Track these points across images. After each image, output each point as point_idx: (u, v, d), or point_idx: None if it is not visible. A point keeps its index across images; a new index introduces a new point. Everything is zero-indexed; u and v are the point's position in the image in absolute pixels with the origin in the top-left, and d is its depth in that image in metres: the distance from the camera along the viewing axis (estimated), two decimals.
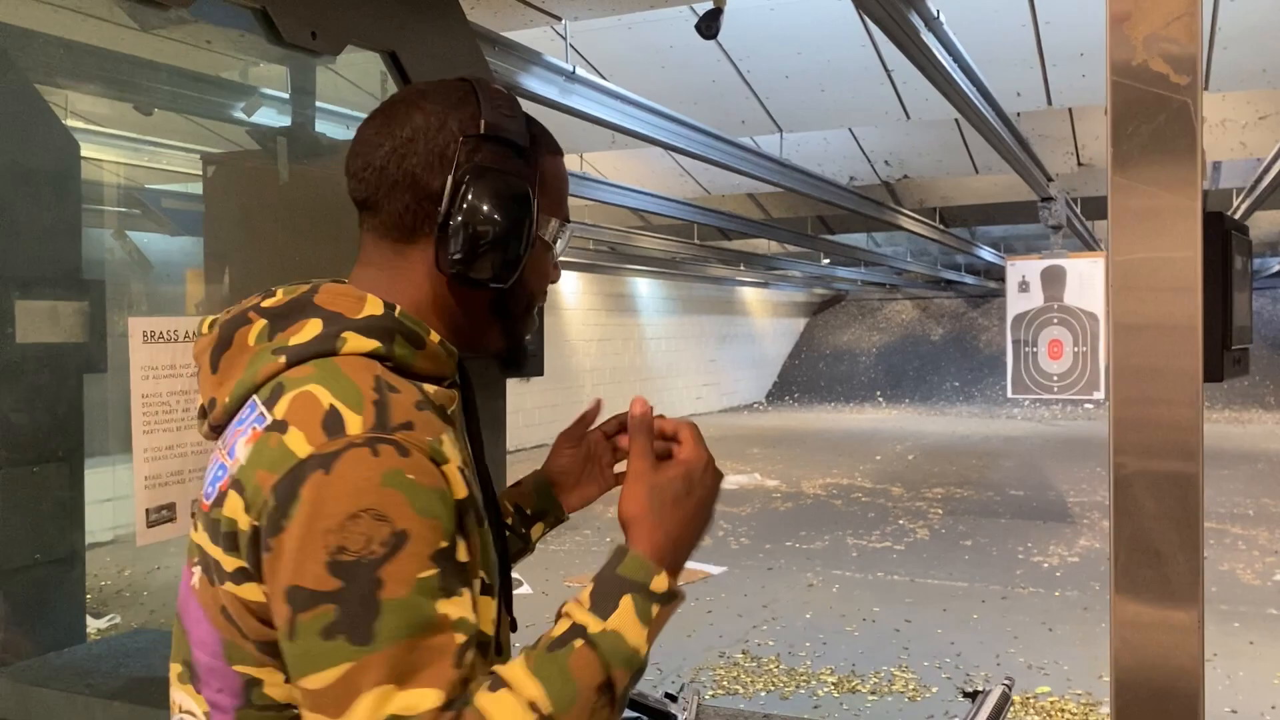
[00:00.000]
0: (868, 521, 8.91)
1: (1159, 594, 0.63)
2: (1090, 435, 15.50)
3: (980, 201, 9.87)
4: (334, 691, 0.78)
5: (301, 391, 0.86)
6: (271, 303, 0.95)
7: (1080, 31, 4.53)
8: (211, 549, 0.87)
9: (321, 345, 0.90)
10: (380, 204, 0.96)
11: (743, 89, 5.44)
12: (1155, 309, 0.60)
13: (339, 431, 0.83)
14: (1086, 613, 6.09)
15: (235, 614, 0.87)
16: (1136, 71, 0.60)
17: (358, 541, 0.79)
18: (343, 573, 0.78)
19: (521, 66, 3.36)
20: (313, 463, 0.81)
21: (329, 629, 0.78)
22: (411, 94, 1.00)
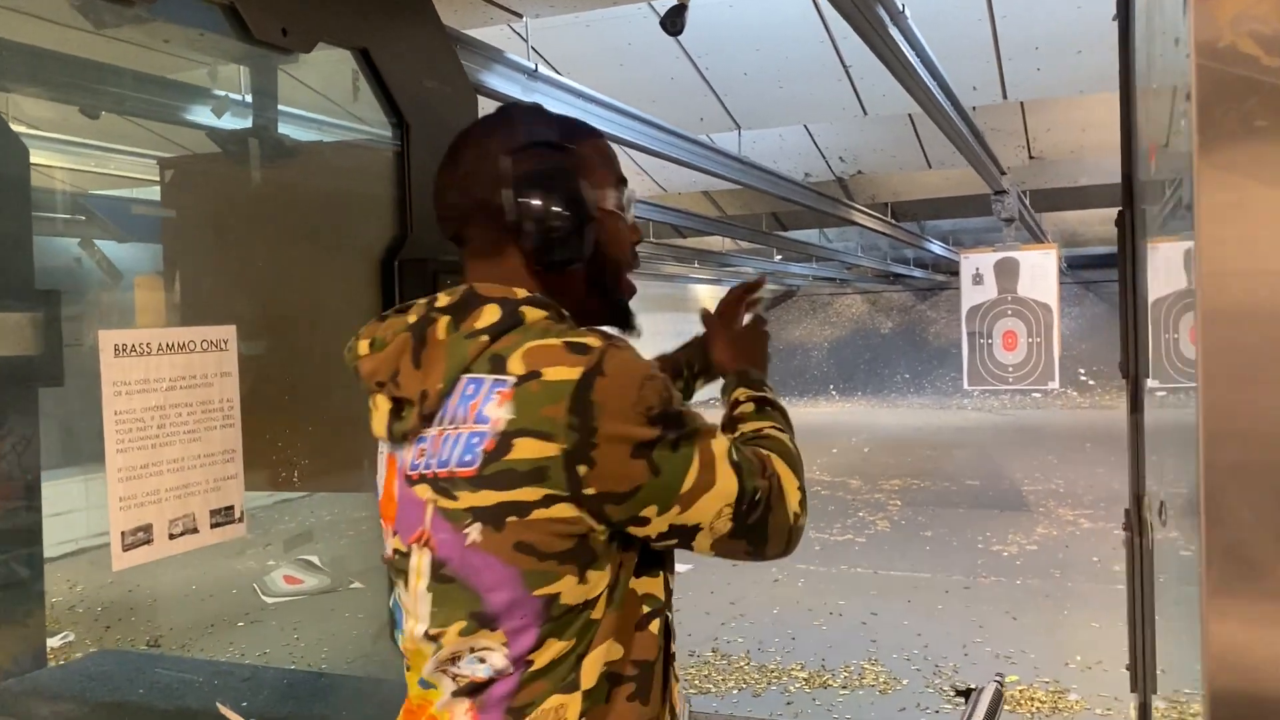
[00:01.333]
0: (828, 515, 8.95)
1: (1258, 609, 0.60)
2: (1041, 424, 15.75)
3: (931, 196, 9.96)
4: (703, 468, 1.07)
5: (528, 348, 1.06)
6: (445, 302, 1.13)
7: (1036, 25, 4.57)
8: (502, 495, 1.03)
9: (511, 320, 1.09)
10: (465, 233, 1.18)
11: (701, 86, 5.42)
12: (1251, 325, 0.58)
13: (586, 350, 1.05)
14: (1048, 600, 6.17)
15: (537, 540, 1.04)
16: (1223, 54, 0.58)
17: (655, 397, 1.05)
18: (659, 420, 1.05)
19: (484, 65, 3.29)
20: (588, 377, 1.03)
21: (675, 444, 1.06)
22: (461, 135, 1.21)
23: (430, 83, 1.86)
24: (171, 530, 1.44)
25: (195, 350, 1.49)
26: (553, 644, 1.08)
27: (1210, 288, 0.58)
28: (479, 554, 1.06)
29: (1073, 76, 5.06)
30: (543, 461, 1.03)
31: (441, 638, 1.10)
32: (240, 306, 1.66)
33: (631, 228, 1.25)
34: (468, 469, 1.05)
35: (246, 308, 1.68)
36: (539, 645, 1.07)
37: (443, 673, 1.12)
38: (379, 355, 1.14)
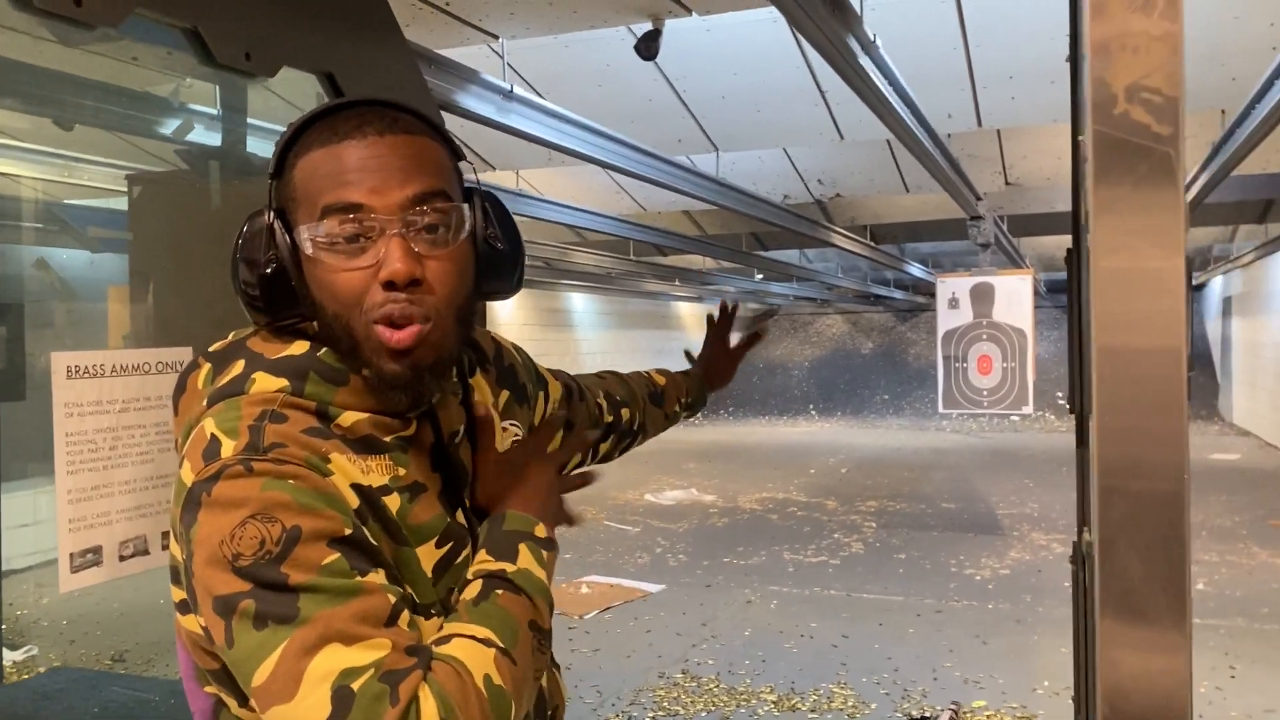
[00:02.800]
0: (803, 536, 8.96)
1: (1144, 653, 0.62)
2: (1017, 447, 15.82)
3: (910, 219, 10.04)
4: (281, 672, 0.79)
5: (198, 429, 0.91)
6: (218, 346, 1.00)
7: (1010, 54, 4.63)
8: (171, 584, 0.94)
9: (234, 386, 0.94)
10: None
11: (679, 108, 5.45)
12: (1140, 371, 0.60)
13: (215, 457, 0.87)
14: (1019, 625, 6.19)
15: (191, 645, 0.94)
16: (1117, 120, 0.60)
17: (251, 545, 0.82)
18: (248, 575, 0.82)
19: (458, 85, 3.31)
20: (197, 489, 0.86)
21: (257, 618, 0.81)
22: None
23: None
24: (122, 552, 1.44)
25: (150, 372, 1.49)
26: None
27: (1104, 359, 0.59)
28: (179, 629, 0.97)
29: (1046, 106, 5.12)
30: (179, 564, 0.91)
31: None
32: (199, 327, 1.67)
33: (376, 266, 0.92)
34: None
35: (205, 328, 1.68)
36: None
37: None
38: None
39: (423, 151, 0.96)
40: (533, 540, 0.99)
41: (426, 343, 0.93)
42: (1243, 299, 16.90)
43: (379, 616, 0.82)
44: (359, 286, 0.92)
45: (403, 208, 0.92)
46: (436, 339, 0.94)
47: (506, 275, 1.05)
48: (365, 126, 0.94)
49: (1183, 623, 0.58)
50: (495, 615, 0.89)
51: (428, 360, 0.94)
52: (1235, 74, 4.51)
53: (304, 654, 0.79)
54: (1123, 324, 0.58)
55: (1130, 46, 0.56)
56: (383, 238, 0.92)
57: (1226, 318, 18.43)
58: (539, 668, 0.92)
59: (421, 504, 0.97)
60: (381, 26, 1.87)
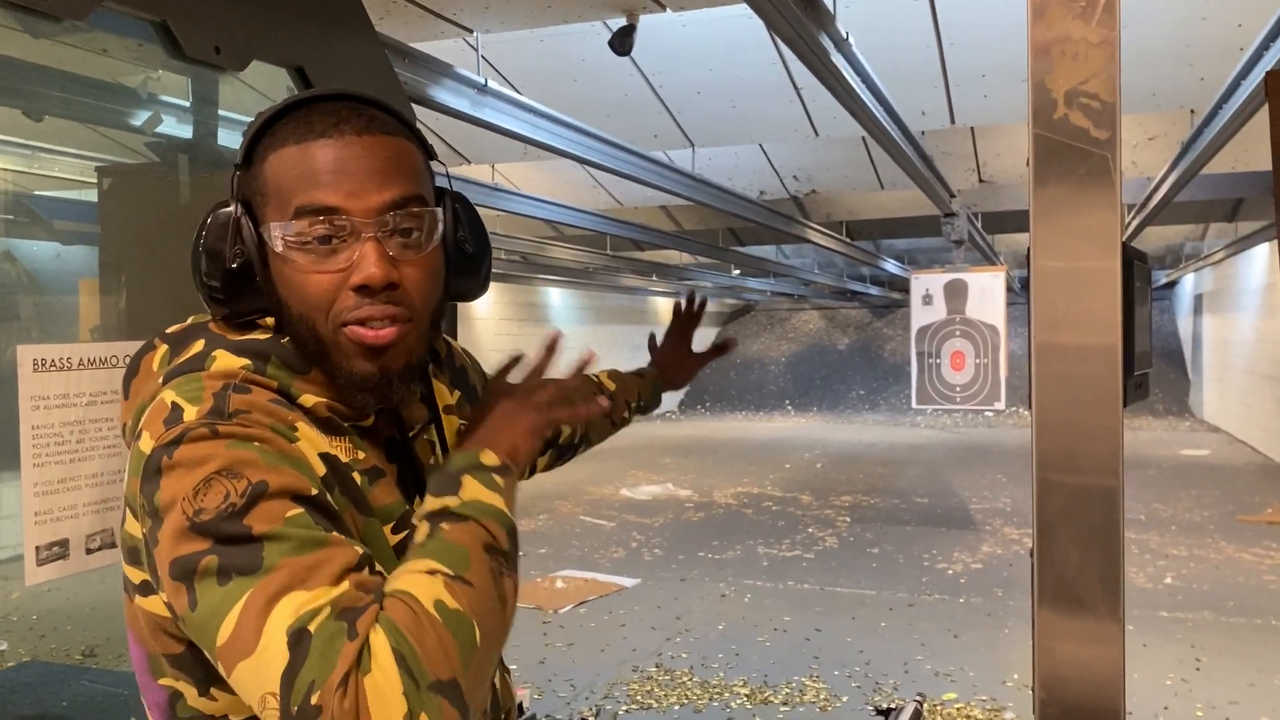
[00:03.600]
0: (778, 530, 9.00)
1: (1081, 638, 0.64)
2: (991, 443, 15.95)
3: (885, 216, 10.10)
4: (245, 624, 0.76)
5: (155, 401, 0.88)
6: (175, 329, 0.98)
7: (983, 53, 4.66)
8: (125, 567, 0.90)
9: (193, 364, 0.92)
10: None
11: (655, 103, 5.46)
12: (1077, 368, 0.61)
13: (177, 422, 0.84)
14: (990, 619, 6.25)
15: (148, 629, 0.88)
16: (1057, 125, 0.61)
17: (215, 499, 0.79)
18: (208, 531, 0.78)
19: (432, 79, 3.31)
20: (158, 453, 0.83)
21: (220, 573, 0.77)
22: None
23: None
24: (89, 545, 1.43)
25: (118, 365, 1.48)
26: None
27: (1043, 356, 0.61)
28: (129, 625, 0.93)
29: (1019, 104, 5.17)
30: (136, 541, 0.86)
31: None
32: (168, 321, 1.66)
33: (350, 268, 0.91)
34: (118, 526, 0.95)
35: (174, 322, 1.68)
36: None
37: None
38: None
39: (400, 154, 0.94)
40: (479, 470, 0.92)
41: (401, 345, 0.92)
42: (1213, 296, 17.10)
43: (343, 558, 0.79)
44: (329, 289, 0.90)
45: (379, 212, 0.90)
46: (411, 343, 0.94)
47: (475, 276, 1.04)
48: (342, 125, 0.91)
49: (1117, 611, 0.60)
50: (441, 548, 0.84)
51: (399, 364, 0.93)
52: (1203, 74, 4.57)
53: (267, 603, 0.76)
54: (1060, 321, 0.60)
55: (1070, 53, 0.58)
56: (356, 241, 0.90)
57: (1197, 315, 18.64)
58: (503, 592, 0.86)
59: (380, 487, 0.96)
60: (352, 20, 1.87)
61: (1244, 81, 3.86)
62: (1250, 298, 13.88)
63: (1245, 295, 14.22)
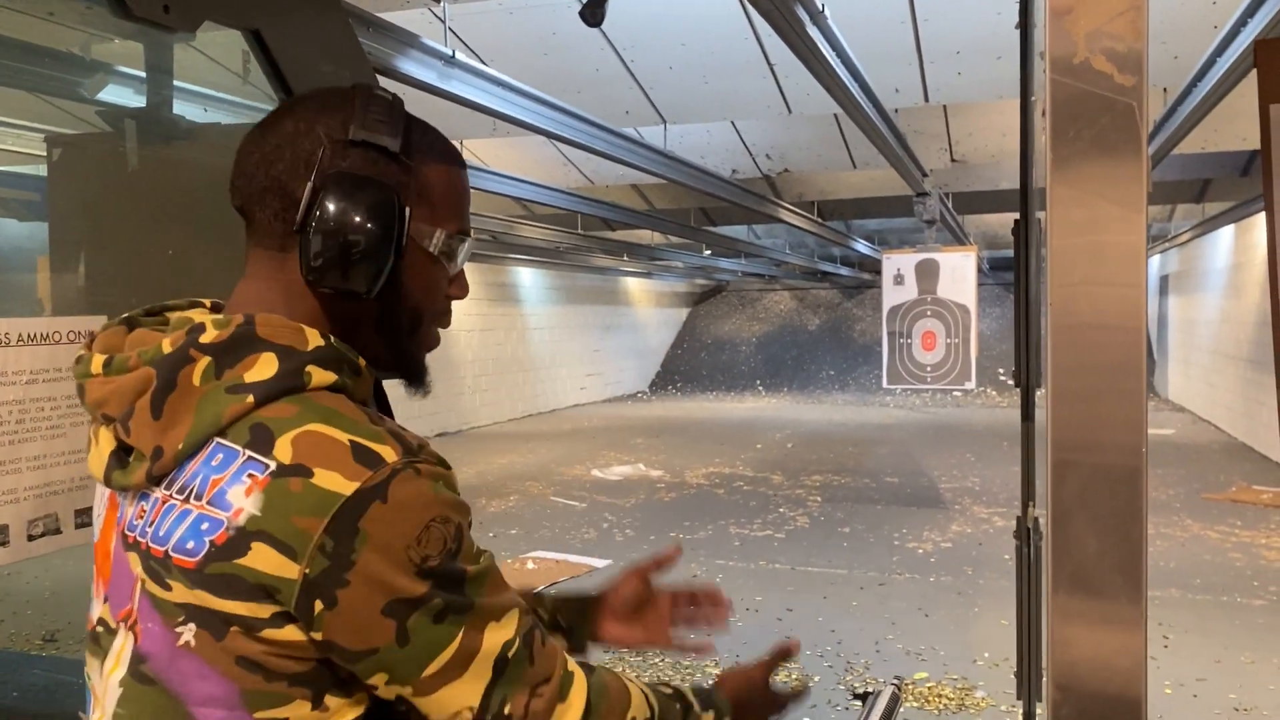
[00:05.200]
0: (749, 510, 9.00)
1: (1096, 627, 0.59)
2: (959, 422, 16.05)
3: (857, 195, 10.08)
4: (458, 656, 0.87)
5: (305, 432, 0.86)
6: (210, 338, 0.89)
7: (958, 30, 4.62)
8: (226, 604, 0.84)
9: (289, 381, 0.89)
10: (253, 212, 0.96)
11: (627, 79, 5.38)
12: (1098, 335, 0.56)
13: (377, 463, 0.85)
14: (960, 597, 6.27)
15: (264, 659, 0.85)
16: (1078, 70, 0.56)
17: (436, 545, 0.86)
18: (432, 574, 0.86)
19: (398, 49, 3.22)
20: (364, 496, 0.83)
21: (439, 614, 0.86)
22: (288, 102, 1.00)
23: (328, 66, 1.80)
24: (31, 531, 1.36)
25: (61, 342, 1.41)
26: None
27: (1061, 307, 0.56)
28: (193, 660, 0.85)
29: (992, 81, 5.14)
30: (278, 581, 0.83)
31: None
32: (116, 295, 1.59)
33: (455, 281, 1.04)
34: (188, 558, 0.85)
35: (123, 296, 1.60)
36: None
37: None
38: (114, 381, 0.90)
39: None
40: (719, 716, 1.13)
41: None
42: (1179, 277, 17.27)
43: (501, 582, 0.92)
44: (440, 292, 1.03)
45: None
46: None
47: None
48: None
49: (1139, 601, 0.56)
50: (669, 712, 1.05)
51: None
52: (1177, 52, 4.56)
53: (475, 635, 0.88)
54: (1079, 284, 0.55)
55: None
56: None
57: (1164, 296, 18.83)
58: None
59: None
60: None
61: (1219, 59, 3.84)
62: (1216, 278, 14.02)
63: (1211, 276, 14.36)
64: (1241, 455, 11.66)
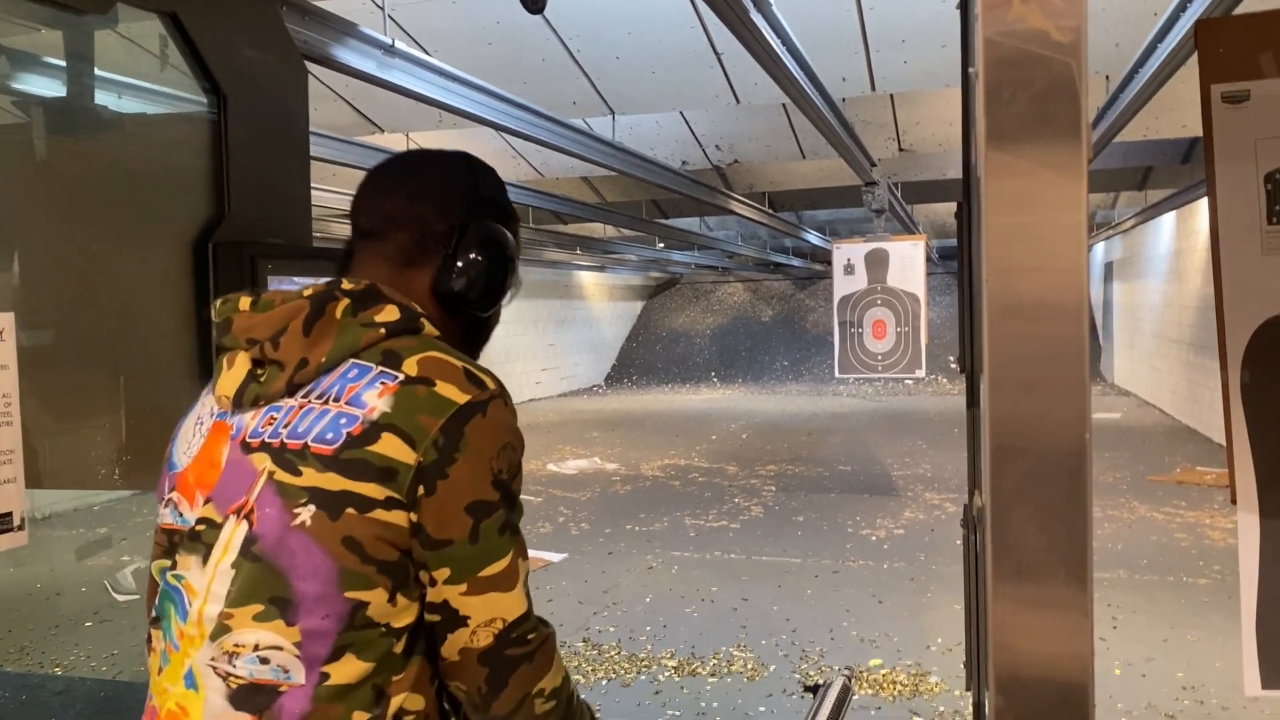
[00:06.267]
0: (704, 501, 9.00)
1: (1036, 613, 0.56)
2: (911, 410, 16.19)
3: (807, 186, 10.08)
4: (508, 571, 1.07)
5: (428, 356, 1.09)
6: (348, 286, 1.13)
7: (904, 17, 4.62)
8: (349, 484, 1.02)
9: (410, 324, 1.13)
10: (388, 235, 1.20)
11: (573, 69, 5.32)
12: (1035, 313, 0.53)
13: (483, 386, 1.08)
14: (913, 583, 6.31)
15: (366, 540, 1.02)
16: (1012, 26, 0.53)
17: (507, 464, 1.08)
18: (501, 487, 1.07)
19: (335, 38, 3.14)
20: (471, 408, 1.06)
21: (502, 527, 1.07)
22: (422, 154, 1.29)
23: (251, 52, 1.73)
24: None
25: None
26: (351, 661, 1.03)
27: (996, 304, 0.53)
28: (303, 538, 1.03)
29: (939, 69, 5.15)
30: (398, 464, 1.03)
31: (231, 620, 1.04)
32: (23, 292, 1.51)
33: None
34: (326, 446, 1.04)
35: (31, 293, 1.53)
36: (335, 656, 1.03)
37: (214, 669, 1.04)
38: (262, 314, 1.12)
39: None
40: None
41: None
42: (1123, 264, 17.55)
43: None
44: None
45: None
46: None
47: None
48: None
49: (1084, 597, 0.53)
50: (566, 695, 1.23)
51: None
52: (1118, 39, 4.59)
53: (518, 557, 1.09)
54: (1016, 264, 0.52)
55: None
56: None
57: (1108, 282, 19.13)
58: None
59: None
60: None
61: (1159, 46, 3.87)
62: (1158, 264, 14.25)
63: (1154, 262, 14.60)
64: (1185, 437, 11.89)
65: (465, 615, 1.07)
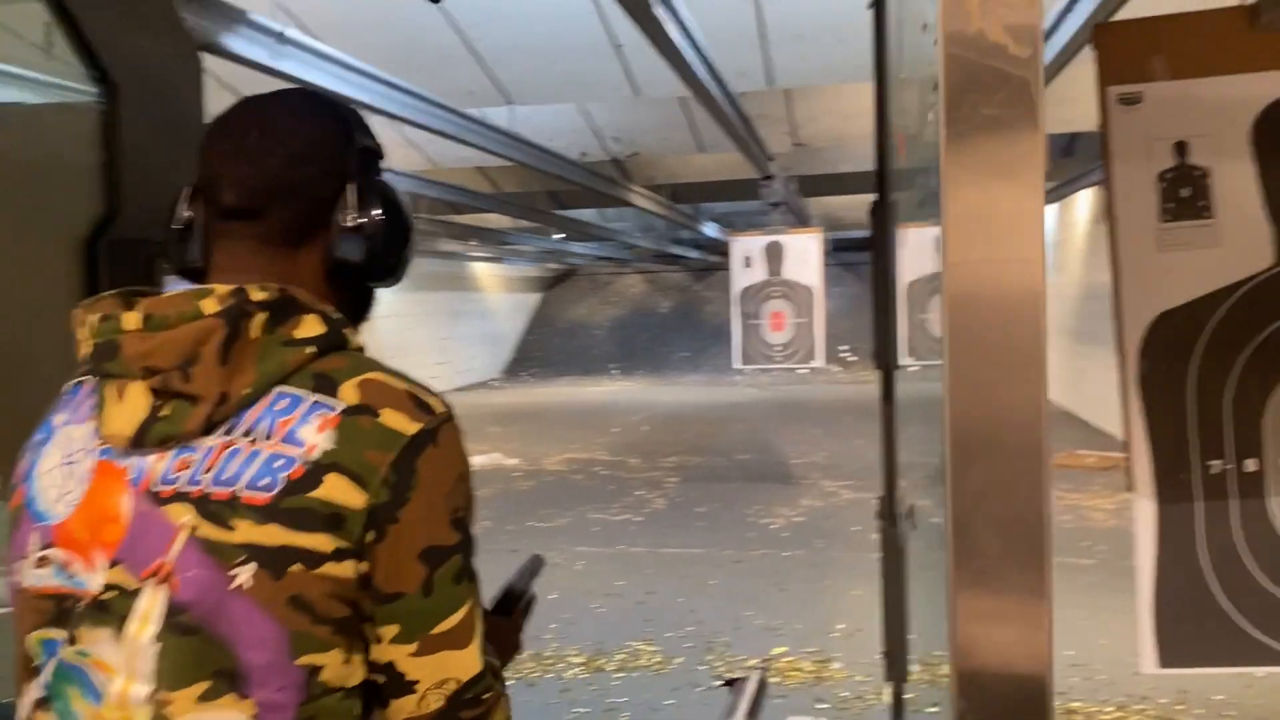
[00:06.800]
0: (607, 495, 9.01)
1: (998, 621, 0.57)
2: (806, 399, 16.50)
3: (704, 179, 10.17)
4: (464, 624, 0.95)
5: (368, 379, 0.95)
6: (260, 296, 0.94)
7: (800, 13, 4.68)
8: (292, 537, 0.88)
9: (336, 339, 0.97)
10: (269, 211, 1.00)
11: (470, 58, 5.24)
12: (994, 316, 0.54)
13: (431, 411, 0.95)
14: (814, 570, 6.43)
15: (317, 599, 0.89)
16: (972, 41, 0.53)
17: (463, 498, 0.96)
18: (459, 526, 0.95)
19: (225, 25, 3.02)
20: (423, 437, 0.93)
21: (458, 574, 0.94)
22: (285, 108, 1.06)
23: (143, 39, 1.64)
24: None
25: None
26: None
27: (958, 307, 0.54)
28: (244, 602, 0.88)
29: (834, 65, 5.24)
30: (347, 510, 0.89)
31: (171, 706, 0.88)
32: None
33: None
34: (261, 494, 0.89)
35: None
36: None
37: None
38: (160, 336, 0.92)
39: None
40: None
41: None
42: None
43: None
44: None
45: None
46: None
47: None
48: None
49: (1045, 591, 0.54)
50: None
51: None
52: None
53: (475, 606, 0.96)
54: (977, 268, 0.53)
55: None
56: None
57: None
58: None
59: None
60: None
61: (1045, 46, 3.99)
62: None
63: None
64: (1068, 423, 12.39)
65: (413, 680, 0.94)
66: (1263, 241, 1.54)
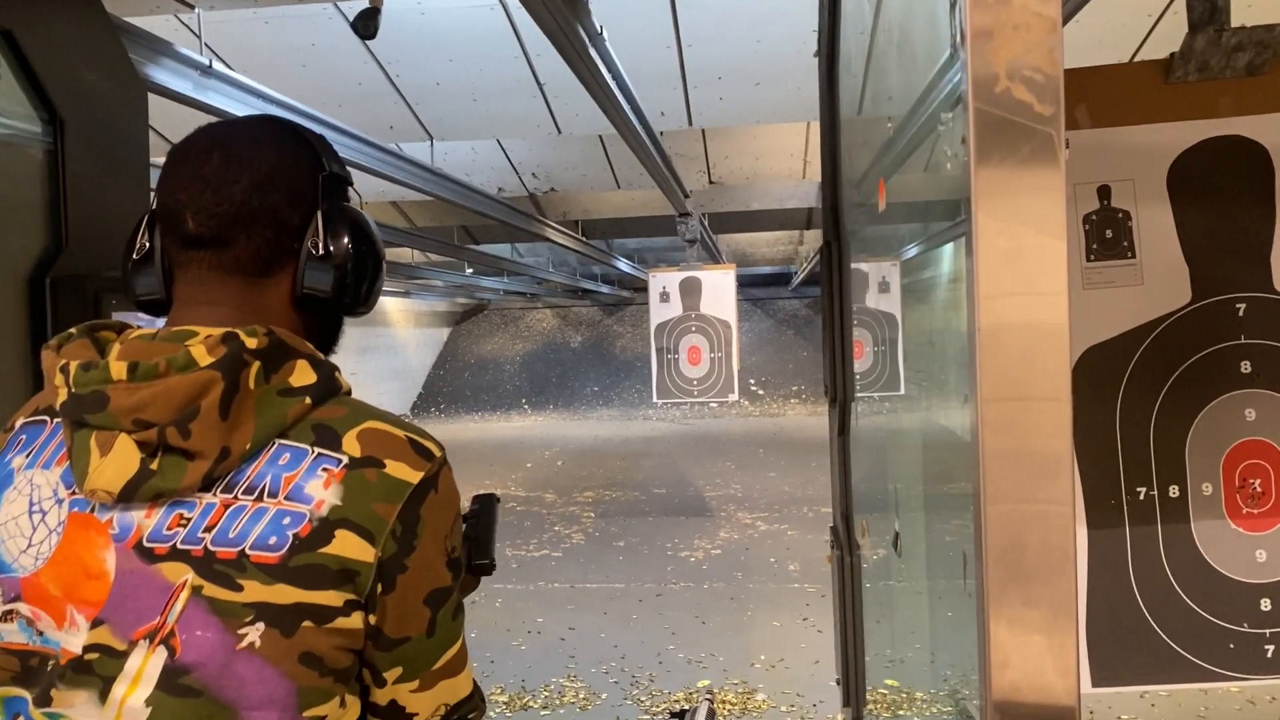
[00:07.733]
0: (525, 531, 8.95)
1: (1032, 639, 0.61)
2: (719, 432, 16.66)
3: (619, 215, 10.26)
4: (459, 653, 0.99)
5: (367, 429, 0.94)
6: (253, 344, 0.92)
7: (720, 56, 4.79)
8: (303, 595, 0.87)
9: (331, 385, 0.97)
10: (235, 239, 0.97)
11: (391, 93, 5.23)
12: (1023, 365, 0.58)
13: (430, 456, 0.96)
14: (733, 602, 6.49)
15: (326, 653, 0.88)
16: (999, 99, 0.58)
17: (457, 536, 0.99)
18: (453, 566, 0.97)
19: (150, 57, 2.98)
20: (425, 485, 0.94)
21: (455, 609, 0.98)
22: (249, 134, 1.02)
23: (91, 75, 1.62)
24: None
25: None
26: None
27: (989, 341, 0.58)
28: (254, 661, 0.86)
29: (752, 107, 5.37)
30: (358, 564, 0.89)
31: None
32: None
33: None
34: (270, 554, 0.86)
35: None
36: None
37: None
38: (153, 387, 0.88)
39: None
40: None
41: None
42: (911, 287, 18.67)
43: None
44: None
45: None
46: None
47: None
48: None
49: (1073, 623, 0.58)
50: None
51: None
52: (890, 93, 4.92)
53: (463, 633, 0.99)
54: (1006, 312, 0.57)
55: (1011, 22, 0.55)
56: None
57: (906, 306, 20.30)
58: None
59: None
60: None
61: None
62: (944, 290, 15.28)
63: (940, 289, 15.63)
64: None
65: (413, 713, 0.97)
66: (1181, 280, 1.64)
